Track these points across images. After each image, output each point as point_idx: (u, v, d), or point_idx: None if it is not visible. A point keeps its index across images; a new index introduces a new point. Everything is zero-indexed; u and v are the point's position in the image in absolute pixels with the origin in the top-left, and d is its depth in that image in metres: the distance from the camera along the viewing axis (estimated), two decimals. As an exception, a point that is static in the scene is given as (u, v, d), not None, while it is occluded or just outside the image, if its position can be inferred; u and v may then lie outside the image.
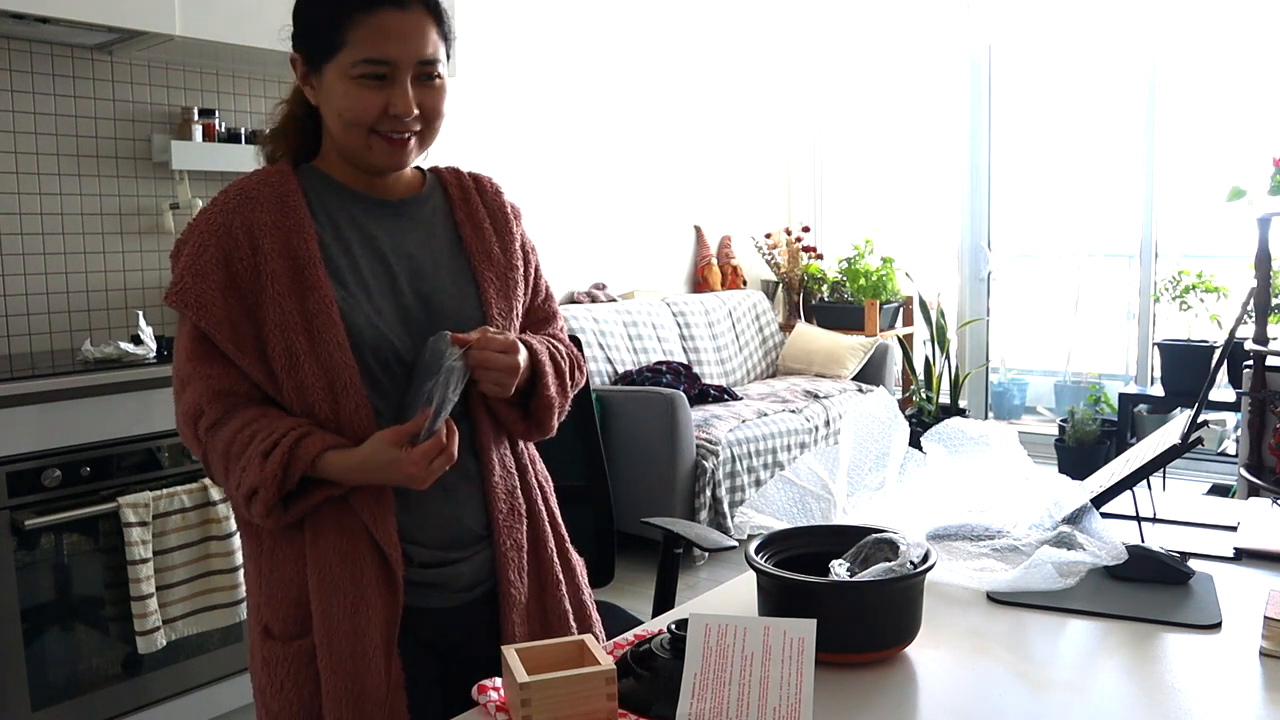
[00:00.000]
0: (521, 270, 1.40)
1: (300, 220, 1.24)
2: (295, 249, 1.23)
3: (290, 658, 1.24)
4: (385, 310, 1.26)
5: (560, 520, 1.45)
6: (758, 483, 4.01)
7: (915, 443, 1.60)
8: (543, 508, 1.40)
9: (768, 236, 5.72)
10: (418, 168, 1.39)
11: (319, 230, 1.26)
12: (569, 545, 1.45)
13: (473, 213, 1.38)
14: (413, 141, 1.26)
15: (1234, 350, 3.37)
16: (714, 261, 5.47)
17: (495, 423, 1.35)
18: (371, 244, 1.29)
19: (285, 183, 1.27)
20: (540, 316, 1.46)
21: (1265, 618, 1.18)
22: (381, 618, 1.23)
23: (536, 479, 1.42)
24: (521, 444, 1.41)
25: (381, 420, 1.23)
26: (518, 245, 1.41)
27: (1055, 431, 4.99)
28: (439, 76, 1.26)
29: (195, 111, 3.00)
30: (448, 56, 1.28)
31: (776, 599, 1.17)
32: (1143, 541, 1.44)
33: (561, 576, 1.39)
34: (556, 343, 1.42)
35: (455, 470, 1.28)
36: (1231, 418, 4.47)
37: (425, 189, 1.38)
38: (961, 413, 5.35)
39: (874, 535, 1.22)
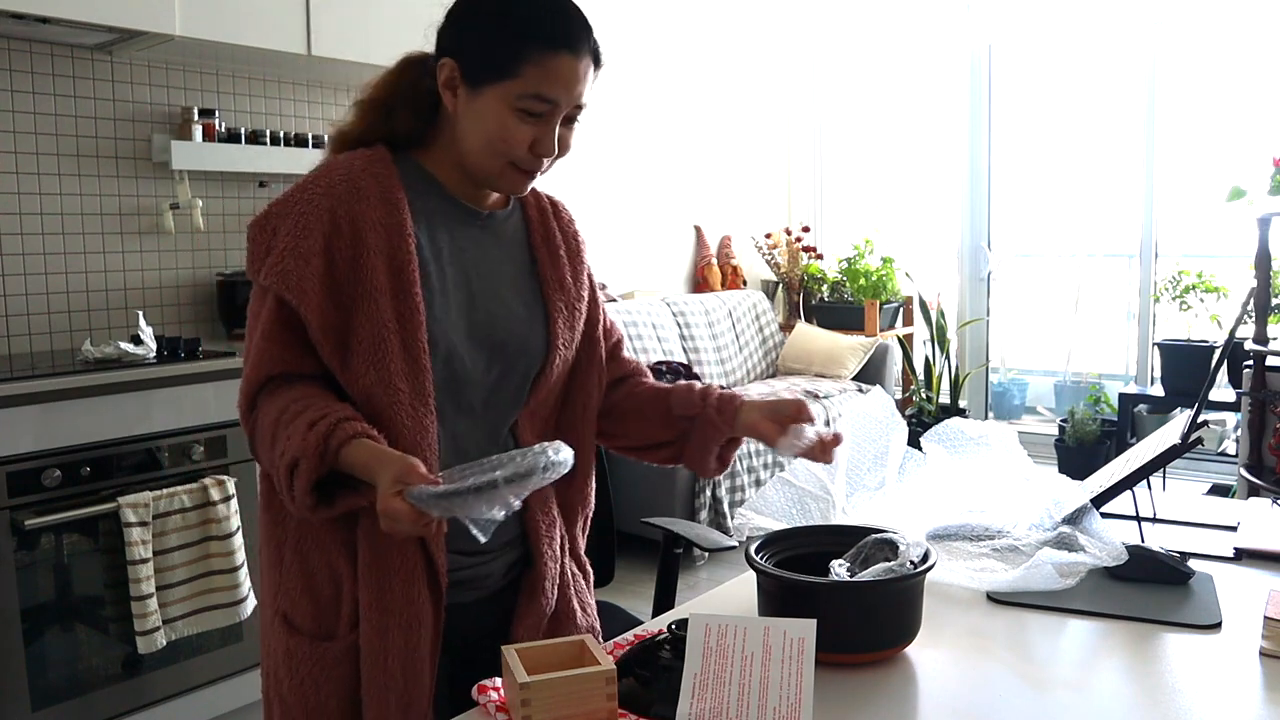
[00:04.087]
0: (586, 302, 1.41)
1: (402, 220, 1.23)
2: (395, 249, 1.22)
3: (317, 658, 1.23)
4: (459, 324, 1.26)
5: (577, 522, 1.45)
6: (758, 483, 4.01)
7: (915, 443, 1.60)
8: (559, 514, 1.40)
9: (768, 236, 5.72)
10: None
11: (415, 232, 1.25)
12: (580, 549, 1.46)
13: (549, 237, 1.38)
14: (537, 174, 1.28)
15: (1234, 350, 3.37)
16: (714, 261, 5.47)
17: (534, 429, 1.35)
18: (459, 255, 1.29)
19: (389, 176, 1.25)
20: (615, 353, 1.47)
21: (1265, 618, 1.18)
22: (430, 633, 1.23)
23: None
24: None
25: (439, 426, 1.23)
26: (585, 276, 1.42)
27: (1055, 431, 4.99)
28: (579, 119, 1.28)
29: (195, 111, 3.00)
30: None
31: (776, 599, 1.17)
32: (1143, 541, 1.44)
33: (571, 582, 1.40)
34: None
35: None
36: (1231, 418, 4.46)
37: (509, 205, 1.37)
38: (961, 413, 5.35)
39: (874, 535, 1.22)
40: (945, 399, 5.40)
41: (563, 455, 1.06)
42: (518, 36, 1.20)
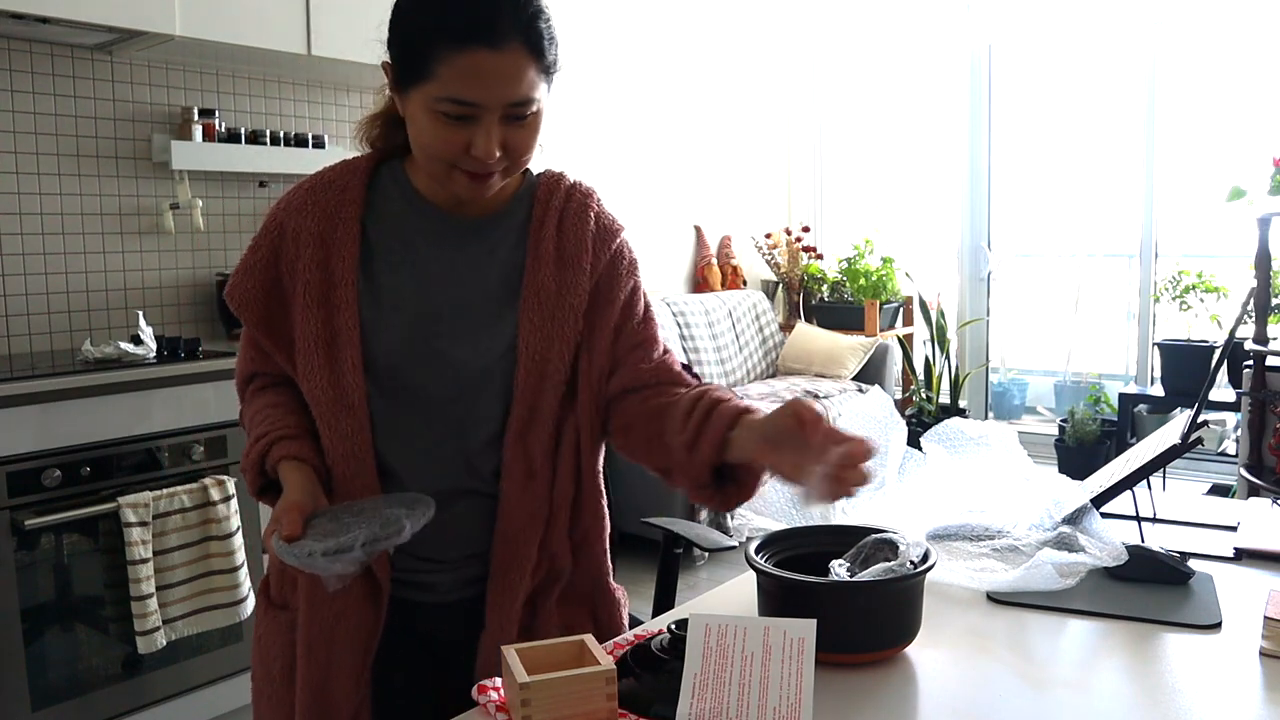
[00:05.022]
0: (582, 304, 1.23)
1: (346, 236, 1.21)
2: (332, 265, 1.20)
3: (269, 622, 1.31)
4: (412, 340, 1.21)
5: (596, 543, 1.35)
6: (758, 483, 4.01)
7: (915, 443, 1.60)
8: (558, 547, 1.29)
9: (768, 236, 5.72)
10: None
11: (371, 244, 1.22)
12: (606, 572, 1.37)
13: (543, 238, 1.24)
14: (496, 176, 1.16)
15: (1234, 350, 3.37)
16: (714, 261, 5.47)
17: (527, 470, 1.23)
18: (424, 267, 1.22)
19: (351, 188, 1.23)
20: (635, 341, 1.28)
21: (1265, 618, 1.18)
22: (367, 624, 1.23)
23: (580, 527, 1.32)
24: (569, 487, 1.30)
25: (379, 439, 1.21)
26: (586, 275, 1.24)
27: (1055, 431, 4.99)
28: (531, 115, 1.13)
29: (195, 111, 3.00)
30: (550, 86, 1.15)
31: (776, 599, 1.16)
32: (1143, 541, 1.44)
33: (559, 609, 1.30)
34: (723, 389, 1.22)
35: (468, 510, 1.23)
36: (1231, 418, 4.47)
37: (511, 203, 1.27)
38: (961, 413, 5.35)
39: (874, 535, 1.22)
40: (945, 399, 5.40)
41: (396, 527, 1.04)
42: (426, 33, 1.08)
